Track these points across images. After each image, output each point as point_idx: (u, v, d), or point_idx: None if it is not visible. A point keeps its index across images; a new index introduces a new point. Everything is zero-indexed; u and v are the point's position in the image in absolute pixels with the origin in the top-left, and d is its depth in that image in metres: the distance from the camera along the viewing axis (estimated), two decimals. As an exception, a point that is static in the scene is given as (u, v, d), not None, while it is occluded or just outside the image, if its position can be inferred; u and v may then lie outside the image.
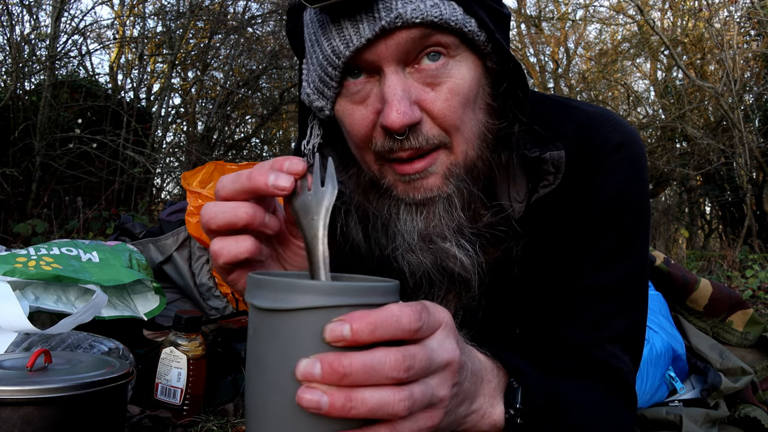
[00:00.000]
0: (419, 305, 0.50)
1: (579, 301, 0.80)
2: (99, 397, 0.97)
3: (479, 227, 0.78)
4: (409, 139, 0.70)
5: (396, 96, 0.67)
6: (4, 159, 4.75)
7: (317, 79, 0.73)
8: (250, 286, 0.52)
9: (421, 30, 0.66)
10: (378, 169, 0.76)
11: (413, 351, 0.48)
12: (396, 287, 0.53)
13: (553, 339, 0.81)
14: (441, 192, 0.74)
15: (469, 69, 0.71)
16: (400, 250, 0.77)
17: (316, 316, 0.47)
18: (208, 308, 2.12)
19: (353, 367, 0.45)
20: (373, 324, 0.46)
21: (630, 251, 0.80)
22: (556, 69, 11.00)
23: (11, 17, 4.83)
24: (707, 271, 4.94)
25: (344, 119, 0.74)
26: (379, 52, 0.67)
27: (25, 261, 1.54)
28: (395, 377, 0.47)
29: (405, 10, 0.65)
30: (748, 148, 5.93)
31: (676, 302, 1.71)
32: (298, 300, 0.48)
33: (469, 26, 0.68)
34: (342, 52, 0.68)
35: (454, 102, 0.70)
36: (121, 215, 3.93)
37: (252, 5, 8.04)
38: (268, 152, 9.32)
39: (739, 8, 6.63)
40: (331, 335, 0.46)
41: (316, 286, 0.48)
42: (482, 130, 0.75)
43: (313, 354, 0.47)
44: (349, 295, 0.48)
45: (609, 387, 0.79)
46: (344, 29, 0.67)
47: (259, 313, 0.50)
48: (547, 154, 0.75)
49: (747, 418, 1.41)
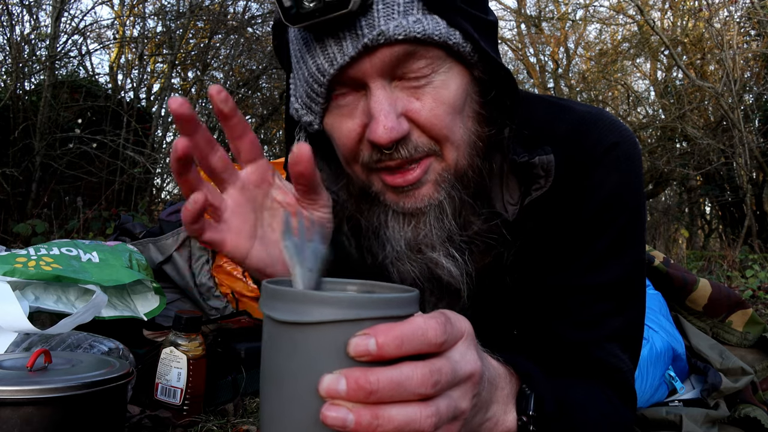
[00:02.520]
0: (443, 317, 0.49)
1: (575, 300, 0.80)
2: (99, 397, 0.97)
3: (470, 234, 0.78)
4: (399, 150, 0.70)
5: (383, 111, 0.67)
6: (4, 159, 4.75)
7: (304, 94, 0.73)
8: (265, 296, 0.51)
9: (405, 46, 0.66)
10: (366, 178, 0.76)
11: (439, 365, 0.47)
12: (416, 297, 0.51)
13: (550, 339, 0.81)
14: (432, 200, 0.74)
15: (455, 79, 0.71)
16: (390, 258, 0.77)
17: (339, 330, 0.46)
18: (208, 308, 2.13)
19: (380, 383, 0.44)
20: (400, 338, 0.45)
21: (626, 250, 0.80)
22: (556, 69, 11.00)
23: (11, 17, 4.84)
24: (707, 271, 4.94)
25: (333, 133, 0.75)
26: (363, 68, 0.67)
27: (25, 261, 1.54)
28: (422, 393, 0.45)
29: (387, 27, 0.65)
30: (748, 148, 5.94)
31: (676, 302, 1.71)
32: (320, 313, 0.46)
33: (453, 39, 0.68)
34: (326, 70, 0.68)
35: (440, 111, 0.70)
36: (121, 215, 3.94)
37: (252, 5, 8.05)
38: (268, 152, 9.33)
39: (739, 8, 6.64)
40: (356, 350, 0.45)
41: (339, 299, 0.46)
42: (472, 138, 0.75)
43: (336, 369, 0.45)
44: (373, 308, 0.47)
45: (609, 386, 0.79)
46: (328, 47, 0.67)
47: (277, 325, 0.48)
48: (536, 159, 0.75)
49: (747, 418, 1.41)
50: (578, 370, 0.79)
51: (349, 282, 0.60)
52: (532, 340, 0.83)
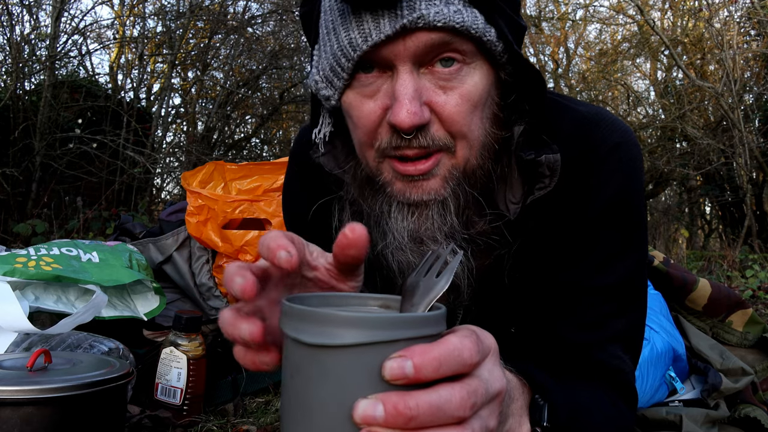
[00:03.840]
0: (473, 335, 0.47)
1: (577, 302, 0.80)
2: (99, 397, 0.97)
3: (471, 234, 0.77)
4: (418, 138, 0.69)
5: (407, 95, 0.66)
6: (4, 159, 4.75)
7: (328, 67, 0.72)
8: (288, 317, 0.47)
9: (442, 35, 0.66)
10: (376, 165, 0.75)
11: (475, 386, 0.45)
12: (445, 314, 0.49)
13: (551, 339, 0.81)
14: (438, 195, 0.73)
15: (482, 77, 0.70)
16: (391, 248, 0.77)
17: (373, 352, 0.43)
18: (208, 308, 2.13)
19: (420, 408, 0.42)
20: (438, 360, 0.43)
21: (628, 251, 0.80)
22: (556, 69, 11.00)
23: (11, 17, 4.83)
24: (707, 271, 4.93)
25: (351, 111, 0.73)
26: (396, 50, 0.67)
27: (25, 261, 1.54)
28: (460, 416, 0.44)
29: (428, 12, 0.64)
30: (748, 148, 5.93)
31: (675, 302, 1.71)
32: (351, 335, 0.43)
33: (488, 35, 0.68)
34: (359, 45, 0.67)
35: (464, 108, 0.69)
36: (121, 215, 3.94)
37: (252, 5, 8.04)
38: (268, 152, 9.32)
39: (739, 8, 6.63)
40: (392, 373, 0.42)
41: (372, 319, 0.44)
42: (487, 138, 0.75)
43: (370, 393, 0.42)
44: (407, 328, 0.44)
45: (611, 387, 0.79)
46: (364, 22, 0.66)
47: (303, 348, 0.45)
48: (543, 157, 0.75)
49: (747, 418, 1.41)
50: (580, 371, 0.79)
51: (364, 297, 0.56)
52: (530, 339, 0.83)
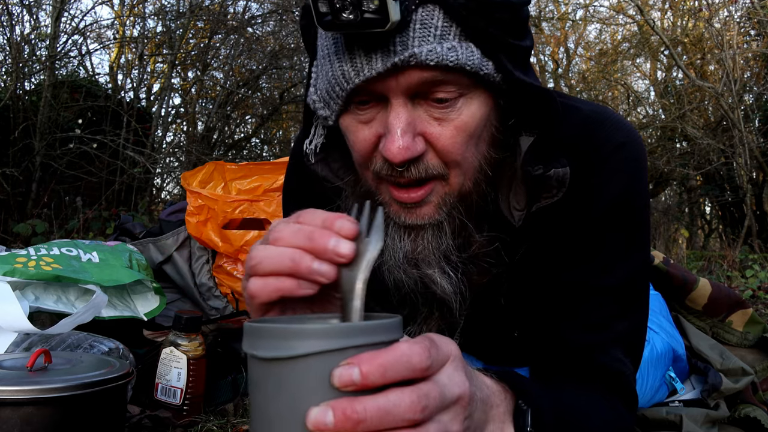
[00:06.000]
0: (427, 341, 0.48)
1: (581, 302, 0.80)
2: (99, 397, 0.97)
3: (468, 255, 0.78)
4: (410, 169, 0.69)
5: (399, 128, 0.66)
6: (4, 159, 4.75)
7: (324, 90, 0.72)
8: (247, 335, 0.49)
9: (434, 73, 0.65)
10: (375, 186, 0.76)
11: (426, 389, 0.46)
12: (399, 322, 0.50)
13: (554, 342, 0.80)
14: (432, 219, 0.74)
15: (480, 106, 0.70)
16: (386, 266, 0.77)
17: (322, 361, 0.45)
18: (208, 308, 2.12)
19: (368, 412, 0.43)
20: (384, 366, 0.45)
21: (632, 252, 0.80)
22: (556, 69, 10.99)
23: (11, 17, 4.83)
24: (707, 271, 4.93)
25: (348, 134, 0.74)
26: (389, 85, 0.66)
27: (25, 261, 1.54)
28: (411, 419, 0.45)
29: (421, 50, 0.64)
30: (748, 148, 5.93)
31: (675, 301, 1.71)
32: (301, 346, 0.45)
33: (485, 69, 0.67)
34: (351, 79, 0.67)
35: (459, 139, 0.69)
36: (121, 215, 3.94)
37: (252, 5, 8.04)
38: (268, 152, 9.32)
39: (739, 8, 6.63)
40: (341, 380, 0.44)
41: (318, 330, 0.46)
42: (482, 163, 0.74)
43: (323, 401, 0.44)
44: (354, 336, 0.46)
45: (610, 390, 0.79)
46: (356, 57, 0.66)
47: (260, 363, 0.47)
48: (552, 172, 0.74)
49: (747, 418, 1.41)
50: (581, 375, 0.78)
51: (326, 316, 0.58)
52: (534, 343, 0.83)
